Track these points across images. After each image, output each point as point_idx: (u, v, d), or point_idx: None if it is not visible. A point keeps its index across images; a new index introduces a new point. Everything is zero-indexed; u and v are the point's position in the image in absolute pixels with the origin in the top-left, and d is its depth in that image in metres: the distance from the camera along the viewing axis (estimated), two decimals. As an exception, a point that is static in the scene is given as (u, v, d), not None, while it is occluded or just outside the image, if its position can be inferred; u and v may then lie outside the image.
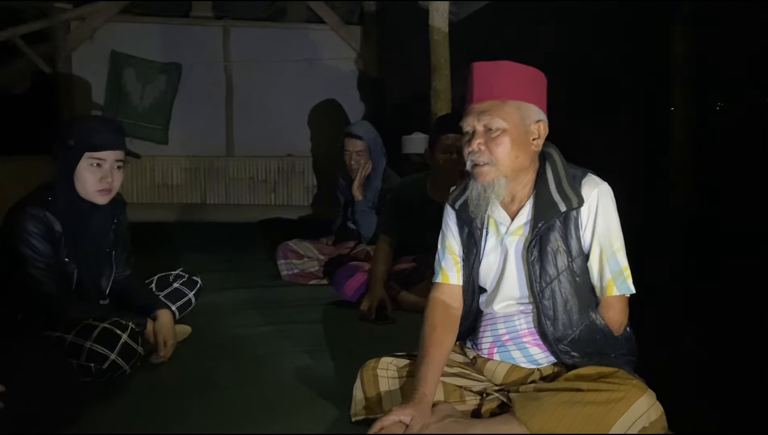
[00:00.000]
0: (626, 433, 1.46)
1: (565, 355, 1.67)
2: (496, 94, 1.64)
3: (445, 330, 1.76)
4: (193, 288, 2.62)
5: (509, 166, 1.65)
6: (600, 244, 1.66)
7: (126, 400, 1.95)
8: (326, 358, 2.32)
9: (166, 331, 2.23)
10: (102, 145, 2.14)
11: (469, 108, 1.67)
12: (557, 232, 1.66)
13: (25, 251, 2.06)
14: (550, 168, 1.70)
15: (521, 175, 1.69)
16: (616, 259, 1.66)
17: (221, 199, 6.03)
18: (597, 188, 1.67)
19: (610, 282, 1.67)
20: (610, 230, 1.67)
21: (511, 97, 1.64)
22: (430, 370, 1.67)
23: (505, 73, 1.65)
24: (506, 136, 1.63)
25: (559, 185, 1.67)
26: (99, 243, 2.23)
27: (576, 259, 1.66)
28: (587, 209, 1.66)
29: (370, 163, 3.68)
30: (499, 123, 1.62)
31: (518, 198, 1.73)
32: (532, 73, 1.69)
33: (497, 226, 1.75)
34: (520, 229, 1.72)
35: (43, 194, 2.13)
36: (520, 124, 1.65)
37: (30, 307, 2.10)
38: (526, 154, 1.67)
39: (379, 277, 2.97)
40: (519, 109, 1.64)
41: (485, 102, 1.64)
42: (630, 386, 1.51)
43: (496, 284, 1.76)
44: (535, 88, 1.69)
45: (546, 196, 1.67)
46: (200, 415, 1.84)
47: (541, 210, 1.67)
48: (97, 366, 1.98)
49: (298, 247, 3.71)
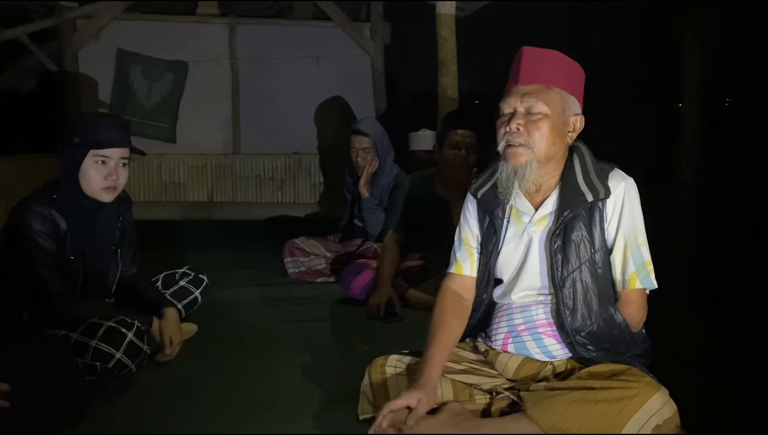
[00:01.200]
0: (639, 431, 1.43)
1: (582, 347, 1.65)
2: (543, 79, 1.65)
3: (454, 317, 1.77)
4: (199, 286, 2.61)
5: (544, 151, 1.65)
6: (625, 237, 1.66)
7: (132, 399, 1.94)
8: (334, 356, 2.30)
9: (172, 330, 2.21)
10: (107, 143, 2.12)
11: (512, 89, 1.68)
12: (582, 222, 1.66)
13: (31, 249, 2.05)
14: (578, 159, 1.71)
15: (551, 164, 1.70)
16: (640, 253, 1.66)
17: (228, 197, 6.01)
18: (624, 182, 1.67)
19: (633, 275, 1.66)
20: (635, 224, 1.67)
21: (558, 84, 1.66)
22: (438, 352, 1.67)
23: (554, 61, 1.67)
24: (547, 120, 1.64)
25: (586, 176, 1.68)
26: (105, 241, 2.22)
27: (599, 251, 1.66)
28: (613, 202, 1.66)
29: (377, 160, 3.65)
30: (542, 107, 1.64)
31: (544, 188, 1.72)
32: (576, 68, 1.72)
33: (520, 216, 1.74)
34: (544, 218, 1.71)
35: (48, 192, 2.12)
36: (561, 112, 1.66)
37: (36, 306, 2.09)
38: (561, 144, 1.68)
39: (386, 275, 2.95)
40: (562, 98, 1.66)
41: (531, 85, 1.65)
42: (643, 384, 1.49)
43: (515, 275, 1.75)
44: (578, 82, 1.72)
45: (573, 186, 1.68)
46: (206, 414, 1.83)
47: (568, 199, 1.67)
48: (102, 365, 1.96)
49: (305, 244, 3.69)
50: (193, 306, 2.59)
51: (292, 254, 3.64)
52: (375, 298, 2.87)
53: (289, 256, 3.64)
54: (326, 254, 3.66)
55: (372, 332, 2.61)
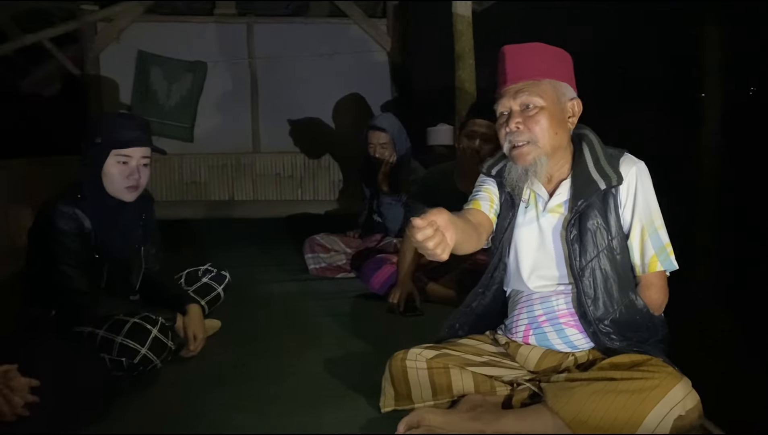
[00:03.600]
0: (661, 422, 1.42)
1: (605, 336, 1.64)
2: (530, 74, 1.65)
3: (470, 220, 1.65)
4: (221, 282, 2.64)
5: (549, 143, 1.65)
6: (641, 222, 1.65)
7: (157, 394, 1.97)
8: (355, 351, 2.32)
9: (195, 326, 2.25)
10: (128, 142, 2.15)
11: (503, 90, 1.68)
12: (596, 210, 1.65)
13: (56, 248, 2.09)
14: (587, 147, 1.70)
15: (559, 154, 1.69)
16: (658, 236, 1.66)
17: (248, 195, 6.06)
18: (635, 166, 1.66)
19: (653, 258, 1.65)
20: (650, 207, 1.66)
21: (546, 75, 1.65)
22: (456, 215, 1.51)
23: (537, 53, 1.67)
24: (544, 112, 1.64)
25: (597, 163, 1.67)
26: (128, 239, 2.25)
27: (615, 237, 1.65)
28: (626, 187, 1.65)
29: (395, 156, 3.66)
30: (537, 100, 1.64)
31: (555, 178, 1.72)
32: (561, 53, 1.72)
33: (536, 201, 1.74)
34: (559, 207, 1.71)
35: (73, 192, 2.15)
36: (557, 101, 1.66)
37: (62, 304, 2.13)
38: (564, 132, 1.68)
39: (406, 269, 2.96)
40: (554, 87, 1.66)
41: (520, 82, 1.65)
42: (665, 374, 1.48)
43: (533, 264, 1.74)
44: (566, 68, 1.71)
45: (584, 175, 1.67)
46: (231, 408, 1.85)
47: (580, 188, 1.66)
48: (128, 360, 2.00)
49: (325, 240, 3.71)
50: (215, 302, 2.62)
51: (313, 250, 3.66)
52: (395, 293, 2.88)
53: (310, 253, 3.66)
54: (346, 250, 3.67)
55: (392, 326, 2.62)
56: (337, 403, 1.85)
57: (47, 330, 2.12)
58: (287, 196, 6.13)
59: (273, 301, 3.05)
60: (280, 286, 3.33)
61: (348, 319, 2.75)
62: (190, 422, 1.77)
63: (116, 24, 5.70)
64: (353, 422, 1.74)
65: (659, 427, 1.42)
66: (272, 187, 6.11)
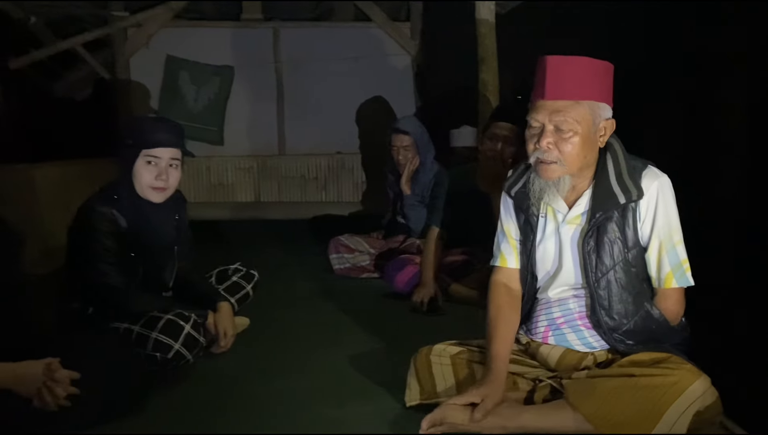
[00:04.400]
0: (680, 417, 1.45)
1: (620, 343, 1.68)
2: (570, 94, 1.60)
3: (510, 309, 1.79)
4: (250, 281, 2.71)
5: (576, 165, 1.64)
6: (659, 238, 1.65)
7: (190, 388, 2.05)
8: (379, 347, 2.37)
9: (226, 323, 2.31)
10: (157, 143, 2.22)
11: (539, 103, 1.63)
12: (615, 223, 1.65)
13: (94, 247, 2.17)
14: (611, 159, 1.69)
15: (584, 170, 1.69)
16: (676, 252, 1.65)
17: (274, 196, 6.16)
18: (657, 180, 1.65)
19: (669, 274, 1.66)
20: (669, 223, 1.65)
21: (585, 97, 1.61)
22: (501, 348, 1.70)
23: (580, 71, 1.61)
24: (577, 137, 1.61)
25: (619, 177, 1.66)
26: (162, 238, 2.33)
27: (632, 250, 1.66)
28: (646, 202, 1.64)
29: (418, 158, 3.71)
30: (573, 125, 1.60)
31: (577, 188, 1.72)
32: (604, 68, 1.65)
33: (555, 214, 1.76)
34: (577, 218, 1.72)
35: (109, 192, 2.24)
36: (592, 124, 1.63)
37: (99, 300, 2.22)
38: (593, 152, 1.67)
39: (429, 270, 3.01)
40: (591, 110, 1.62)
41: (559, 101, 1.60)
42: (684, 371, 1.51)
43: (552, 272, 1.77)
44: (607, 84, 1.65)
45: (606, 188, 1.66)
46: (261, 401, 1.92)
47: (600, 201, 1.66)
48: (162, 355, 2.08)
49: (350, 241, 3.77)
50: (245, 300, 2.70)
51: (337, 251, 3.72)
52: (419, 293, 2.93)
53: (335, 253, 3.72)
54: (370, 251, 3.73)
55: (416, 325, 2.67)
56: (362, 397, 1.91)
57: (85, 326, 2.21)
58: (311, 198, 6.22)
59: (299, 300, 3.12)
60: (305, 285, 3.41)
61: (372, 317, 2.81)
62: (223, 415, 1.84)
63: (146, 29, 5.84)
64: (379, 416, 1.79)
65: (678, 422, 1.45)
66: (297, 188, 6.20)
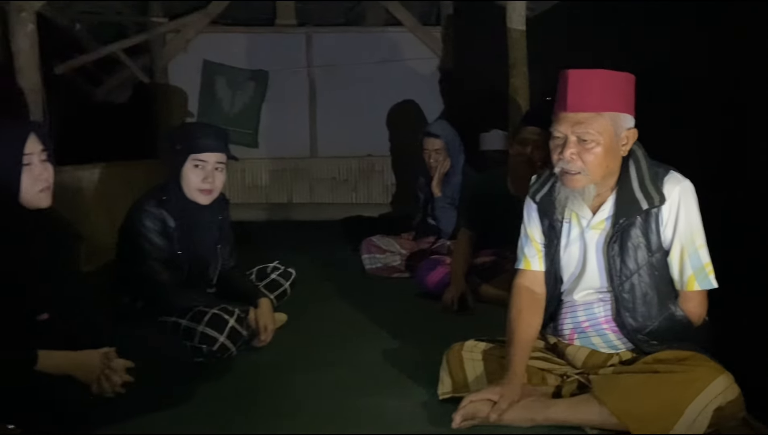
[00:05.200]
0: (701, 412, 1.52)
1: (644, 343, 1.74)
2: (591, 106, 1.65)
3: (530, 314, 1.85)
4: (288, 279, 2.84)
5: (599, 174, 1.70)
6: (681, 242, 1.70)
7: (234, 378, 2.17)
8: (412, 344, 2.47)
9: (266, 318, 2.43)
10: (204, 148, 2.37)
11: (562, 115, 1.69)
12: (638, 229, 1.71)
13: (144, 245, 2.32)
14: (633, 166, 1.74)
15: (608, 178, 1.74)
16: (698, 256, 1.70)
17: (306, 198, 6.30)
18: (679, 186, 1.70)
19: (692, 277, 1.71)
20: (692, 228, 1.70)
21: (607, 108, 1.66)
22: (518, 351, 1.78)
23: (601, 84, 1.67)
24: (600, 147, 1.67)
25: (641, 183, 1.71)
26: (206, 238, 2.46)
27: (656, 254, 1.71)
28: (668, 207, 1.69)
29: (449, 161, 3.79)
30: (595, 136, 1.65)
31: (601, 194, 1.77)
32: (625, 79, 1.70)
33: (579, 219, 1.81)
34: (601, 223, 1.77)
35: (158, 194, 2.38)
36: (614, 134, 1.68)
37: (148, 295, 2.35)
38: (616, 161, 1.72)
39: (460, 270, 3.09)
40: (613, 121, 1.67)
41: (580, 113, 1.66)
42: (706, 368, 1.58)
43: (577, 275, 1.83)
44: (628, 96, 1.71)
45: (628, 194, 1.72)
46: (301, 391, 2.03)
47: (623, 207, 1.72)
48: (208, 347, 2.20)
49: (381, 242, 3.87)
50: (282, 297, 2.82)
51: (369, 251, 3.82)
52: (449, 293, 3.01)
53: (367, 253, 3.82)
54: (401, 251, 3.83)
55: (446, 323, 2.76)
56: (398, 390, 2.01)
57: (134, 319, 2.35)
58: (342, 200, 6.34)
59: (333, 298, 3.23)
60: (338, 284, 3.51)
61: (404, 315, 2.90)
62: (265, 403, 1.95)
63: (184, 35, 6.03)
64: (414, 407, 1.89)
65: (700, 417, 1.52)
66: (328, 190, 6.33)
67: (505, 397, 1.69)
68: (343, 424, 1.80)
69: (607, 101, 1.67)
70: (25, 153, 1.79)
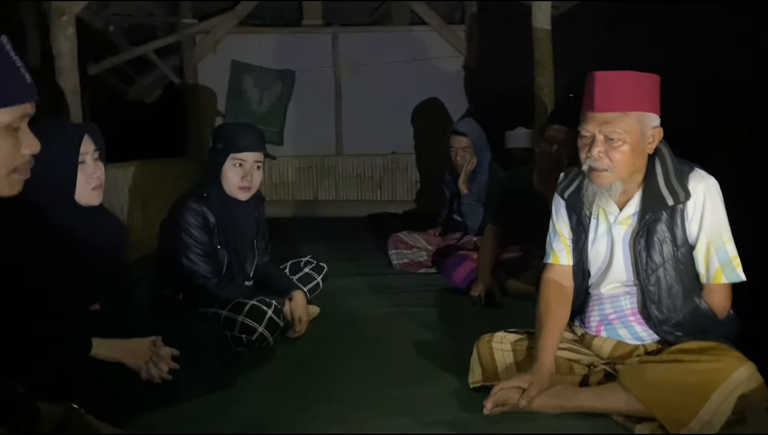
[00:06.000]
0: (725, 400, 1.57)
1: (669, 335, 1.80)
2: (618, 106, 1.72)
3: (558, 306, 1.93)
4: (320, 273, 2.93)
5: (626, 171, 1.77)
6: (708, 237, 1.75)
7: (274, 367, 2.26)
8: (442, 336, 2.55)
9: (301, 310, 2.53)
10: (244, 147, 2.47)
11: (590, 115, 1.76)
12: (664, 224, 1.77)
13: (186, 239, 2.42)
14: (659, 163, 1.80)
15: (634, 175, 1.81)
16: (725, 250, 1.75)
17: (331, 195, 6.40)
18: (704, 182, 1.75)
19: (719, 271, 1.76)
20: (718, 222, 1.75)
21: (633, 108, 1.72)
22: (547, 341, 1.85)
23: (627, 84, 1.73)
24: (626, 145, 1.73)
25: (667, 180, 1.77)
26: (244, 233, 2.57)
27: (681, 248, 1.77)
28: (693, 202, 1.75)
29: (475, 159, 3.86)
30: (622, 135, 1.72)
31: (628, 191, 1.83)
32: (650, 80, 1.77)
33: (606, 215, 1.88)
34: (628, 219, 1.84)
35: (199, 191, 2.49)
36: (640, 133, 1.74)
37: (190, 288, 2.46)
38: (642, 159, 1.78)
39: (487, 265, 3.15)
40: (639, 120, 1.73)
41: (607, 113, 1.73)
42: (730, 357, 1.63)
43: (604, 269, 1.90)
44: (653, 96, 1.77)
45: (654, 190, 1.78)
46: (336, 380, 2.12)
47: (649, 203, 1.78)
48: (247, 337, 2.30)
49: (408, 238, 3.95)
50: (315, 290, 2.91)
51: (396, 247, 3.91)
52: (476, 287, 3.09)
53: (393, 249, 3.91)
54: (428, 247, 3.90)
55: (474, 317, 2.83)
56: (430, 379, 2.09)
57: (176, 310, 2.46)
58: (367, 197, 6.43)
59: (362, 292, 3.32)
60: (367, 278, 3.60)
61: (432, 308, 2.98)
62: (303, 391, 2.04)
63: (212, 36, 6.16)
64: (446, 395, 1.97)
65: (724, 404, 1.57)
66: (354, 187, 6.43)
67: (534, 384, 1.76)
68: (377, 410, 1.87)
69: (633, 101, 1.73)
70: (80, 152, 1.90)
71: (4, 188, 1.17)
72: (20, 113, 1.14)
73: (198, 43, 6.20)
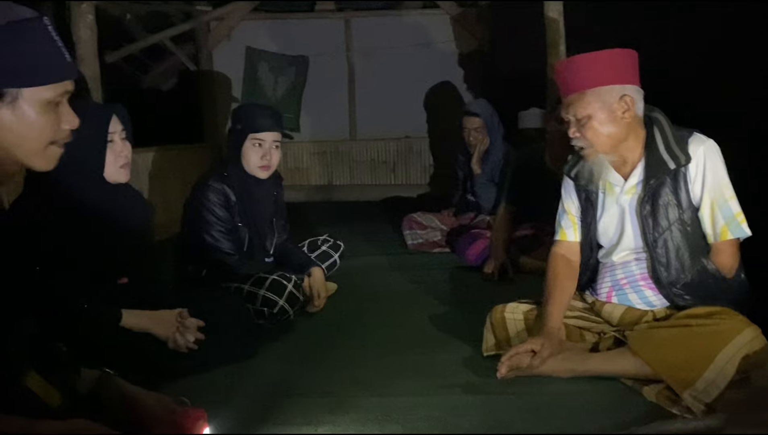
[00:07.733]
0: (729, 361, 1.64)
1: (679, 298, 1.86)
2: (575, 87, 1.86)
3: (565, 277, 2.02)
4: (337, 251, 3.02)
5: (604, 143, 1.87)
6: (711, 196, 1.82)
7: (292, 339, 2.35)
8: (456, 309, 2.63)
9: (319, 286, 2.62)
10: (263, 127, 2.55)
11: (563, 101, 1.92)
12: (668, 188, 1.84)
13: (209, 217, 2.51)
14: (658, 131, 1.88)
15: (627, 142, 1.88)
16: (729, 207, 1.82)
17: (346, 180, 6.46)
18: (703, 145, 1.83)
19: (724, 228, 1.83)
20: (719, 181, 1.82)
21: (588, 86, 1.83)
22: (555, 308, 1.94)
23: (582, 66, 1.85)
24: (592, 121, 1.85)
25: (667, 146, 1.85)
26: (264, 211, 2.65)
27: (686, 211, 1.84)
28: (695, 164, 1.82)
29: (488, 139, 3.91)
30: (582, 112, 1.84)
31: (630, 161, 1.92)
32: (610, 56, 1.85)
33: (612, 187, 1.96)
34: (633, 188, 1.92)
35: (220, 170, 2.57)
36: (603, 107, 1.83)
37: (212, 263, 2.55)
38: (619, 128, 1.85)
39: (500, 242, 3.22)
40: (598, 95, 1.83)
41: (569, 95, 1.87)
42: (735, 320, 1.70)
43: (615, 239, 1.97)
44: (614, 69, 1.84)
45: (656, 157, 1.86)
46: (353, 350, 2.21)
47: (652, 169, 1.86)
48: (269, 310, 2.39)
49: (422, 218, 4.02)
50: (332, 268, 3.00)
51: (411, 227, 3.98)
52: (490, 264, 3.16)
53: (408, 229, 3.98)
54: (442, 227, 3.97)
55: (487, 292, 2.90)
56: (445, 347, 2.18)
57: (199, 286, 2.55)
58: (381, 181, 6.48)
59: (378, 270, 3.40)
60: (382, 258, 3.68)
61: (446, 284, 3.06)
62: (323, 360, 2.13)
63: (227, 23, 6.22)
64: (460, 362, 2.05)
65: (728, 364, 1.64)
66: (368, 172, 6.48)
67: (546, 346, 1.84)
68: (395, 375, 1.96)
69: (587, 80, 1.84)
70: (108, 132, 1.98)
71: (41, 162, 1.25)
72: (61, 90, 1.22)
73: (212, 30, 6.26)
